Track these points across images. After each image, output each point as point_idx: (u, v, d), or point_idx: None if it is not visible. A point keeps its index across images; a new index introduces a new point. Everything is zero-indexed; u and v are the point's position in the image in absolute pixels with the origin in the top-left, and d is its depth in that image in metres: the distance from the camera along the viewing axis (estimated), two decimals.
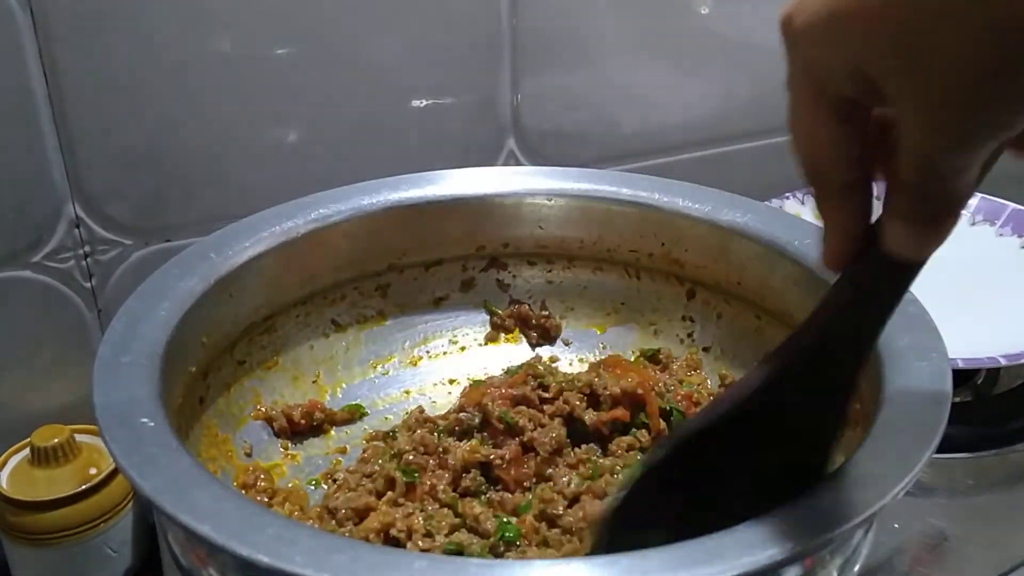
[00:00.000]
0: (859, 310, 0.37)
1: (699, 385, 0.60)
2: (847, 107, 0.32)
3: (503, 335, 0.66)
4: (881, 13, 0.29)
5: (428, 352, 0.65)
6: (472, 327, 0.66)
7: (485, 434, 0.54)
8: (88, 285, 0.66)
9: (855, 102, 0.32)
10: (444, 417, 0.56)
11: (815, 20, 0.30)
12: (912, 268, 0.35)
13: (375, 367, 0.64)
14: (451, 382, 0.64)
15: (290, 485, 0.55)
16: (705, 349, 0.64)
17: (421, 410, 0.59)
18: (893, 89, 0.30)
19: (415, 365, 0.64)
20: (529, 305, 0.66)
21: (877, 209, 0.35)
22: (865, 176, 0.34)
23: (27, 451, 0.59)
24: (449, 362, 0.65)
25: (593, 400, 0.56)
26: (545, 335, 0.66)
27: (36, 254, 0.63)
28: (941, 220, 0.32)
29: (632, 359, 0.63)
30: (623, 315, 0.66)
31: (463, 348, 0.66)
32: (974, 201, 0.83)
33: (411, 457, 0.52)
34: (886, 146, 0.32)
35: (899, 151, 0.31)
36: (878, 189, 0.35)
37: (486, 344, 0.66)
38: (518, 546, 0.48)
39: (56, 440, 0.58)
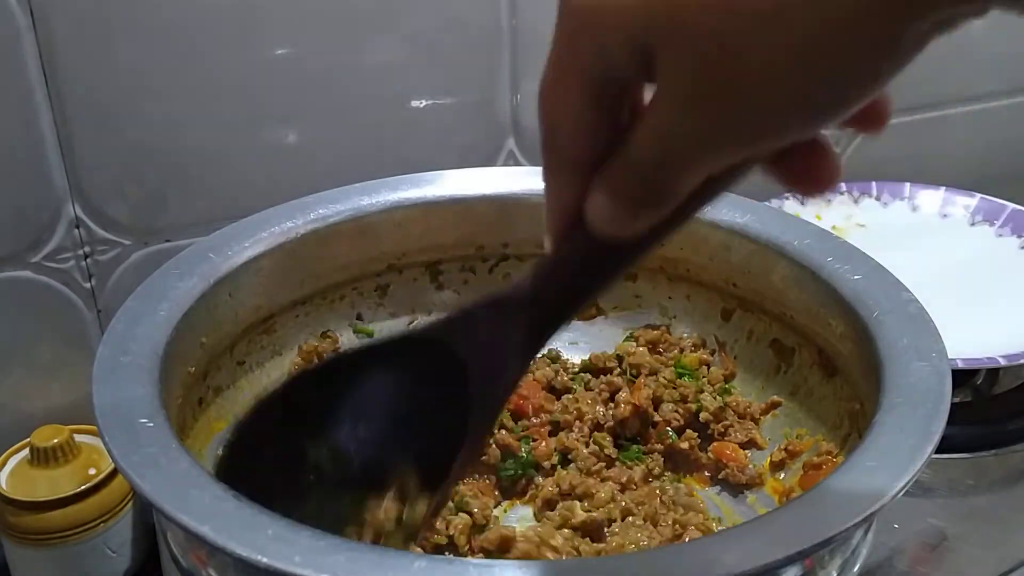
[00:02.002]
0: (554, 290, 0.35)
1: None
2: (608, 90, 0.30)
3: None
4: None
5: None
6: None
7: None
8: (88, 285, 0.66)
9: (618, 83, 0.30)
10: None
11: None
12: (608, 265, 0.33)
13: None
14: None
15: None
16: (702, 348, 0.64)
17: None
18: (669, 63, 0.27)
19: None
20: None
21: None
22: (600, 157, 0.31)
23: (27, 451, 0.59)
24: None
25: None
26: None
27: (36, 254, 0.63)
28: (646, 209, 0.30)
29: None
30: (621, 315, 0.66)
31: None
32: (974, 201, 0.83)
33: None
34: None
35: (640, 126, 0.29)
36: None
37: None
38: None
39: (56, 440, 0.58)
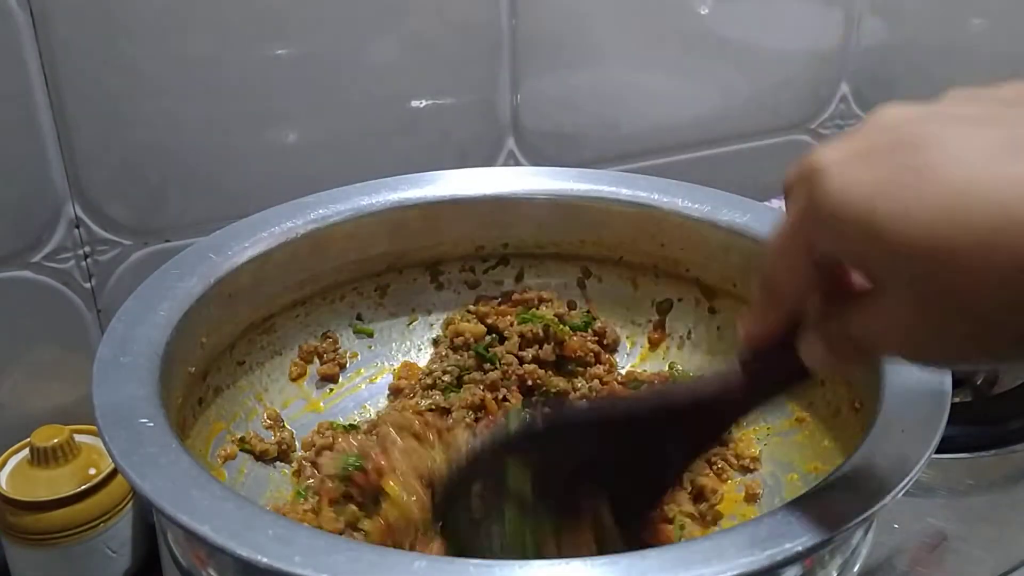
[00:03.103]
0: (749, 390, 0.40)
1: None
2: (827, 264, 0.35)
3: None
4: (911, 246, 0.29)
5: (429, 352, 0.65)
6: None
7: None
8: (88, 285, 0.66)
9: (837, 263, 0.35)
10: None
11: (847, 200, 0.31)
12: (803, 377, 0.38)
13: (376, 367, 0.64)
14: None
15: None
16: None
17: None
18: (884, 299, 0.32)
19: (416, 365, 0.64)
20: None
21: None
22: (811, 296, 0.36)
23: (27, 451, 0.59)
24: None
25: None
26: None
27: (36, 254, 0.63)
28: (854, 362, 0.37)
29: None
30: (623, 315, 0.66)
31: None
32: None
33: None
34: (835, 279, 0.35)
35: (854, 317, 0.34)
36: None
37: None
38: None
39: (56, 440, 0.58)
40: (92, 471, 0.59)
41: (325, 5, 0.65)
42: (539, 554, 0.42)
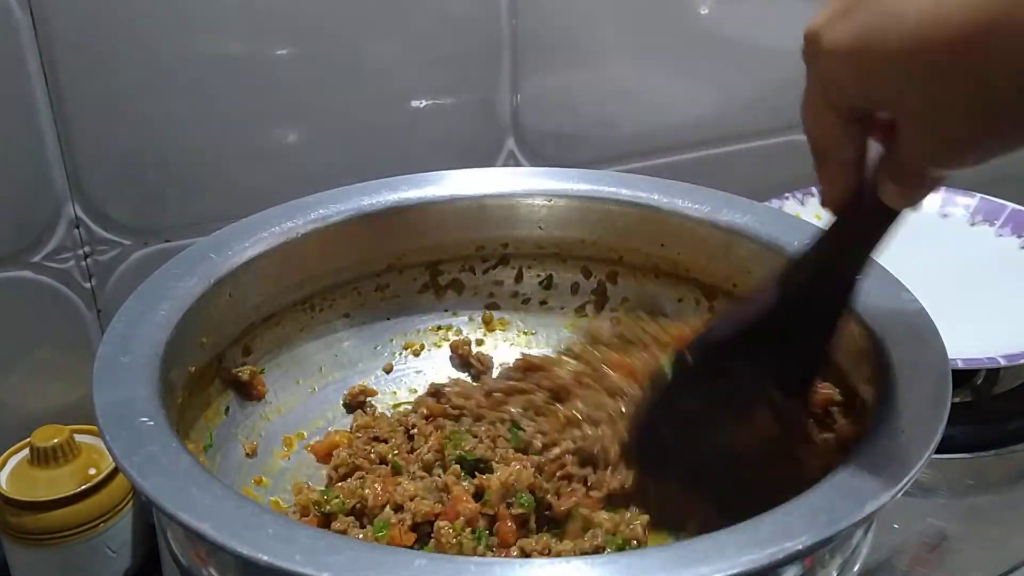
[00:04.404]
0: (853, 244, 0.44)
1: None
2: (853, 112, 0.39)
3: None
4: (901, 64, 0.34)
5: (429, 352, 0.65)
6: (472, 327, 0.66)
7: None
8: (88, 285, 0.66)
9: (864, 113, 0.39)
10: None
11: (839, 47, 0.37)
12: (894, 216, 0.42)
13: (375, 367, 0.64)
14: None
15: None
16: None
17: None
18: (901, 118, 0.37)
19: (416, 365, 0.64)
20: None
21: None
22: (861, 151, 0.40)
23: (27, 451, 0.59)
24: (449, 362, 0.65)
25: None
26: None
27: (36, 254, 0.63)
28: (926, 188, 0.40)
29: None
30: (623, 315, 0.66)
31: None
32: (974, 201, 0.84)
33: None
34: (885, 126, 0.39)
35: (898, 147, 0.38)
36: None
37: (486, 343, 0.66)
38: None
39: (56, 440, 0.58)
40: (92, 471, 0.59)
41: (325, 5, 0.65)
42: (734, 449, 0.49)
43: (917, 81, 0.34)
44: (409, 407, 0.60)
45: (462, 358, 0.65)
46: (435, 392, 0.59)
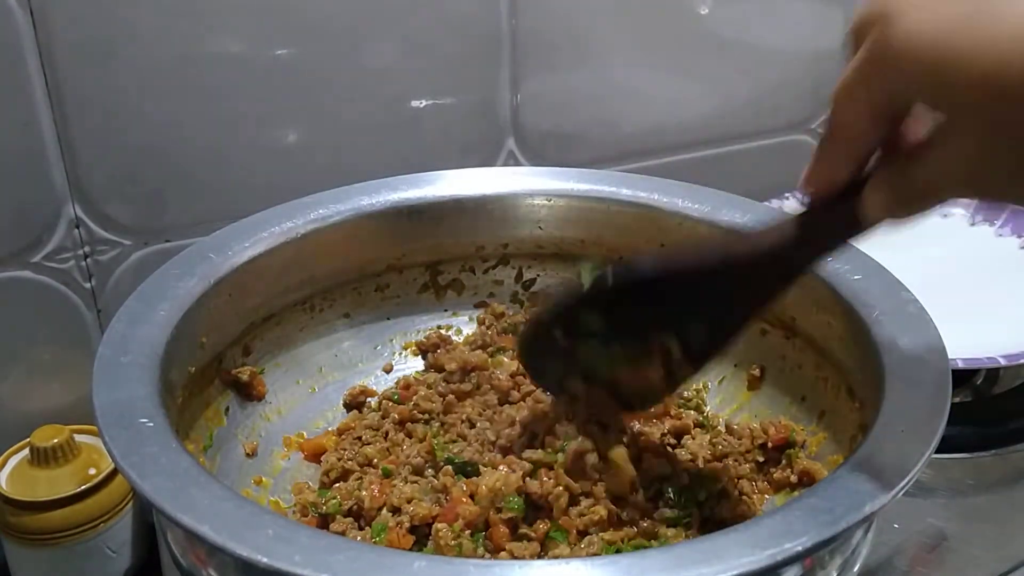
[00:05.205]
0: (807, 242, 0.42)
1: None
2: (892, 112, 0.36)
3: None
4: (991, 80, 0.31)
5: (429, 352, 0.65)
6: (472, 327, 0.66)
7: None
8: (88, 285, 0.66)
9: (902, 110, 0.36)
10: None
11: (917, 40, 0.32)
12: (859, 230, 0.40)
13: (376, 367, 0.64)
14: None
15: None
16: None
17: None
18: (952, 135, 0.34)
19: (416, 365, 0.64)
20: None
21: None
22: (877, 146, 0.38)
23: (27, 451, 0.59)
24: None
25: None
26: None
27: (36, 254, 0.63)
28: (916, 208, 0.37)
29: None
30: None
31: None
32: (974, 201, 0.84)
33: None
34: (901, 128, 0.37)
35: (920, 160, 0.35)
36: None
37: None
38: None
39: (56, 440, 0.58)
40: (92, 471, 0.59)
41: (325, 5, 0.65)
42: (614, 381, 0.49)
43: (1002, 105, 0.31)
44: (387, 401, 0.60)
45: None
46: (406, 385, 0.60)
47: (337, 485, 0.53)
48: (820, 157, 0.39)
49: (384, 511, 0.49)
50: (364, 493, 0.50)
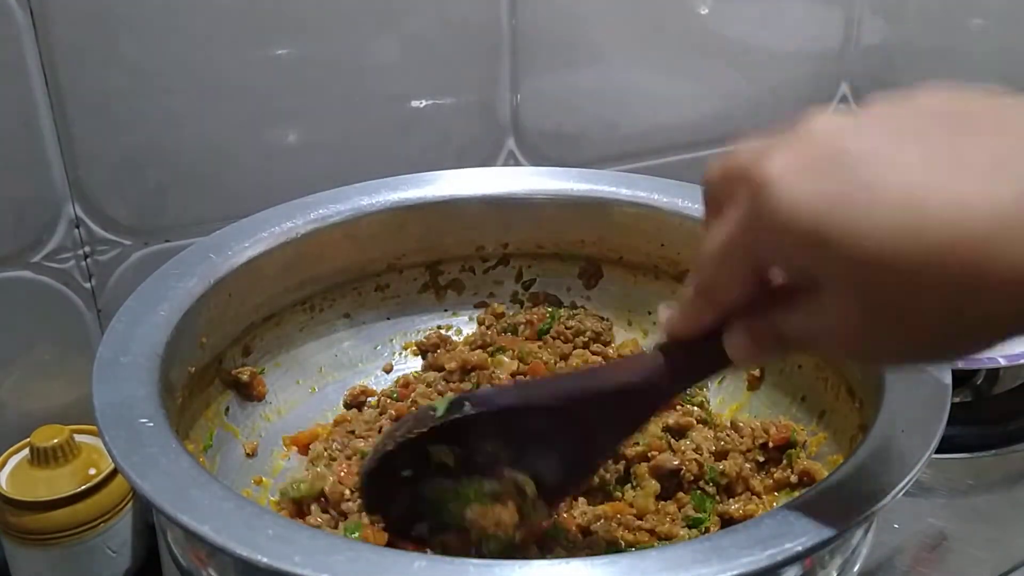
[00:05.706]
0: (676, 373, 0.41)
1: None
2: (767, 272, 0.36)
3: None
4: (865, 258, 0.30)
5: (428, 352, 0.65)
6: (472, 327, 0.66)
7: None
8: (88, 285, 0.66)
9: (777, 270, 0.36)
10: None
11: (798, 213, 0.31)
12: (719, 367, 0.40)
13: (376, 367, 0.64)
14: None
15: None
16: None
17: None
18: (830, 302, 0.33)
19: (416, 365, 0.64)
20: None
21: None
22: (745, 300, 0.37)
23: (27, 451, 0.59)
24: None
25: None
26: None
27: (36, 254, 0.63)
28: (772, 356, 0.39)
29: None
30: (623, 315, 0.66)
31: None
32: None
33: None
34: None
35: (789, 313, 0.35)
36: None
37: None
38: None
39: (56, 440, 0.58)
40: (92, 471, 0.59)
41: (325, 5, 0.65)
42: (460, 522, 0.45)
43: (880, 286, 0.31)
44: (386, 399, 0.60)
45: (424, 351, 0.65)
46: (406, 384, 0.60)
47: (306, 471, 0.52)
48: (687, 310, 0.39)
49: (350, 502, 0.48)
50: (331, 476, 0.49)
